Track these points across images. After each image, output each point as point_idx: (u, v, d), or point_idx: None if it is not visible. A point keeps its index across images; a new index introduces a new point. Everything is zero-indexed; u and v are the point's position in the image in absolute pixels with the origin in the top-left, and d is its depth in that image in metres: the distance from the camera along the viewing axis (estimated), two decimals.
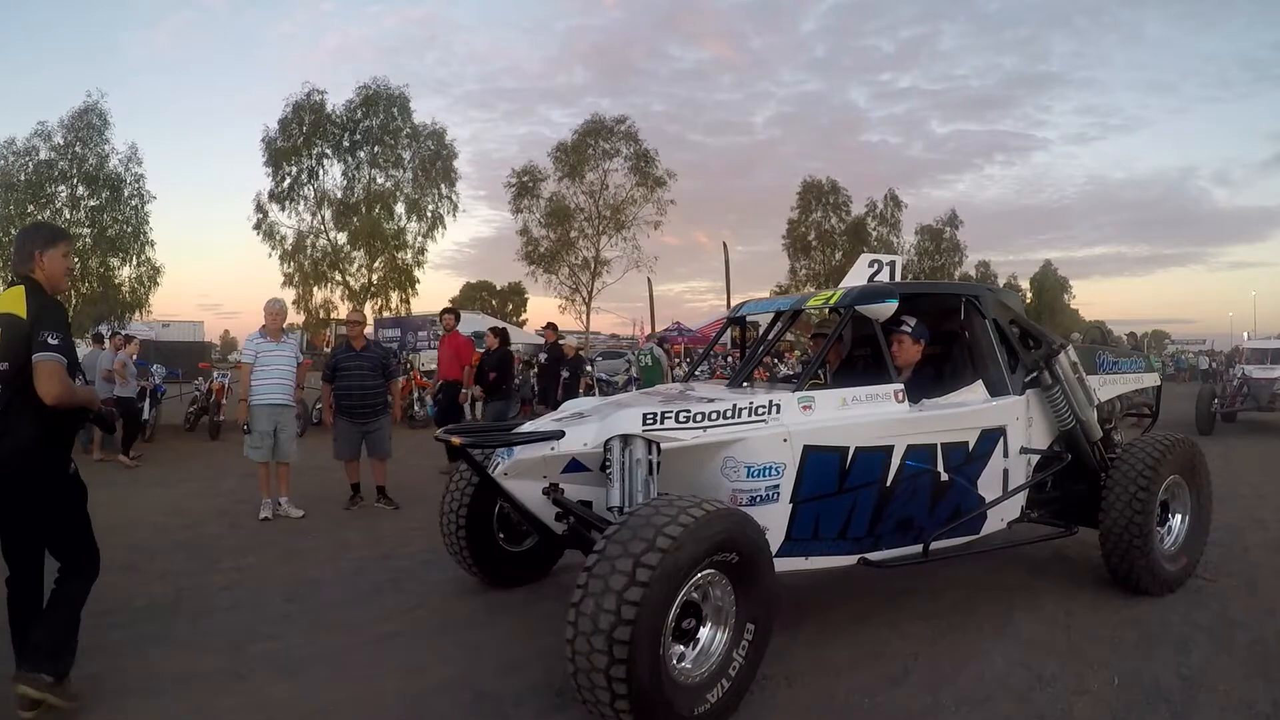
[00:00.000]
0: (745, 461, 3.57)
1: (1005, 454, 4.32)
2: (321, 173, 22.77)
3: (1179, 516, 5.09)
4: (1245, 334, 27.18)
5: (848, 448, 3.73)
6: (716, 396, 3.88)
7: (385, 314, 23.90)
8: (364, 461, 7.59)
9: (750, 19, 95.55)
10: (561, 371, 11.48)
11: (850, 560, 3.91)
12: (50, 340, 3.07)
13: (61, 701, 3.17)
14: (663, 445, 3.55)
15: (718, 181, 70.57)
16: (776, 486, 3.60)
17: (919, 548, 4.05)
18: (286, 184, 22.45)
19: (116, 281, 21.00)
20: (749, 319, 5.26)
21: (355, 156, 22.80)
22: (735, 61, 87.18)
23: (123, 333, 13.49)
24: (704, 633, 3.14)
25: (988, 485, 4.27)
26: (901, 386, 4.04)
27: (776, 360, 18.39)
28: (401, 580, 5.18)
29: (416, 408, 16.12)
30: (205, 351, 33.86)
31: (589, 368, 18.18)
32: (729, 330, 5.40)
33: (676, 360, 21.86)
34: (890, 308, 4.08)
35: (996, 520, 4.40)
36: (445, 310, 9.92)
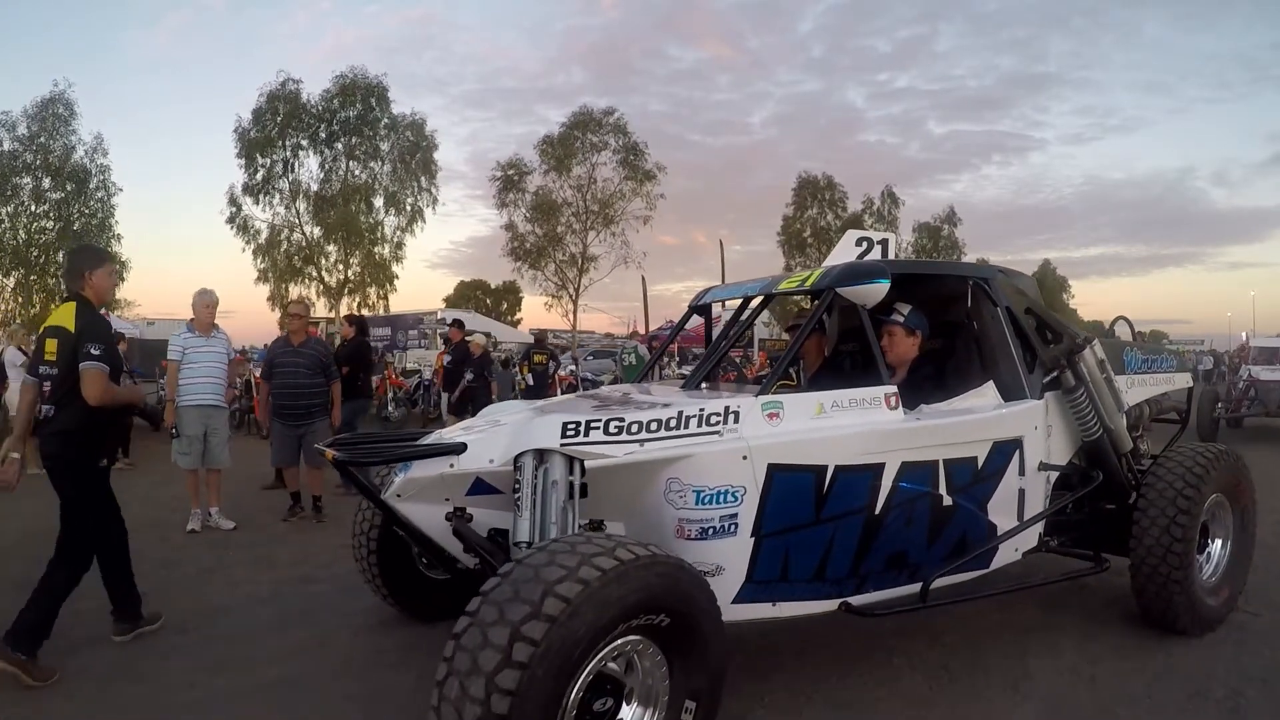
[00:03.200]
0: (693, 484, 2.80)
1: (1021, 471, 3.54)
2: (297, 165, 21.97)
3: (1219, 541, 4.38)
4: (1244, 334, 26.47)
5: (826, 466, 2.96)
6: (663, 401, 3.12)
7: (364, 311, 23.14)
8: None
9: (748, 19, 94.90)
10: (465, 373, 10.23)
11: (829, 605, 3.14)
12: (93, 351, 3.64)
13: (31, 680, 3.48)
14: (587, 463, 2.79)
15: (716, 181, 70.05)
16: (734, 516, 2.83)
17: (916, 588, 3.28)
18: (260, 176, 21.61)
19: None
20: (722, 306, 4.48)
21: (332, 148, 21.96)
22: (733, 62, 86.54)
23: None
24: (626, 714, 2.37)
25: (1000, 510, 3.49)
26: (894, 389, 3.25)
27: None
28: (314, 609, 4.59)
29: (391, 408, 15.65)
30: None
31: (578, 367, 17.47)
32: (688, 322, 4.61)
33: (667, 359, 21.14)
34: (879, 290, 3.28)
35: (1009, 551, 3.63)
36: (291, 303, 8.84)
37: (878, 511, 3.08)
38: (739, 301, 4.19)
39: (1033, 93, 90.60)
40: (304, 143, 21.69)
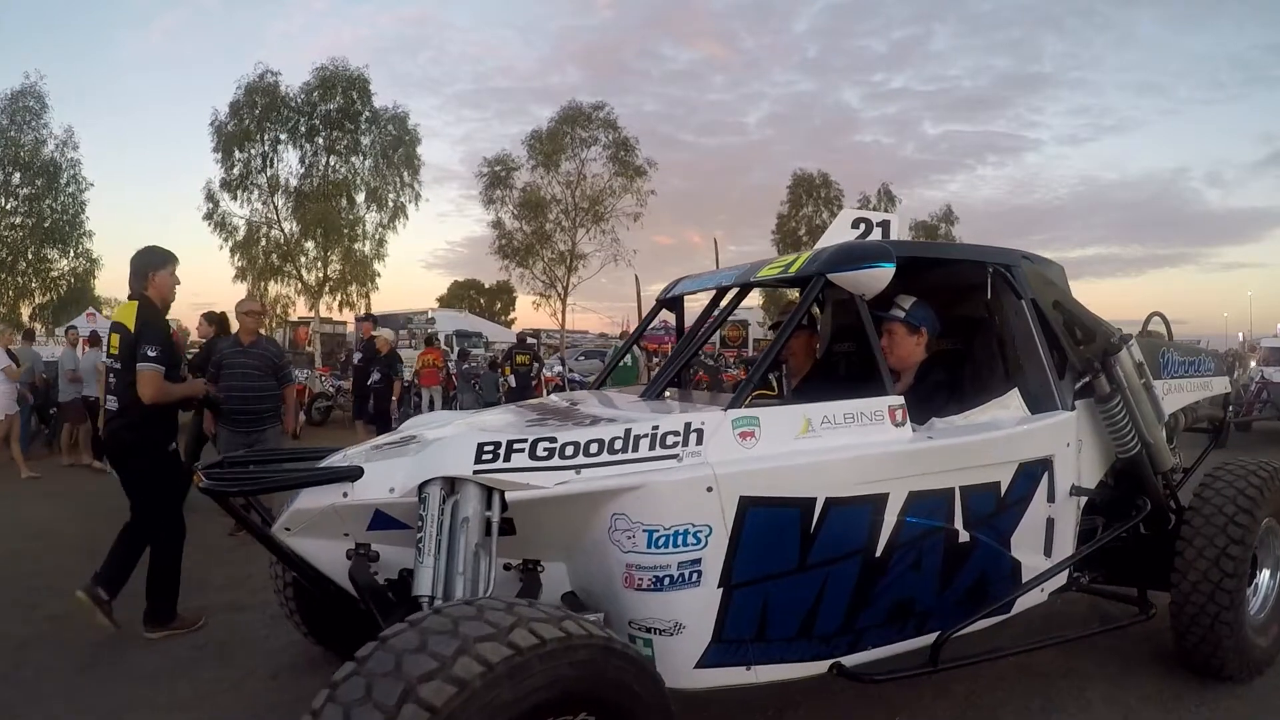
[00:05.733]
0: (644, 523, 2.20)
1: (1050, 497, 2.94)
2: (276, 159, 21.27)
3: (1267, 571, 3.80)
4: (1240, 334, 26.10)
5: (813, 499, 2.36)
6: (611, 415, 2.52)
7: (345, 310, 22.52)
8: None
9: (743, 19, 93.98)
10: (372, 373, 9.13)
11: (818, 668, 2.54)
12: (149, 352, 3.87)
13: (105, 620, 4.04)
14: (508, 496, 2.20)
15: (711, 182, 69.20)
16: (696, 562, 2.24)
17: (924, 640, 2.68)
18: (236, 171, 20.92)
19: (54, 274, 19.73)
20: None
21: (313, 142, 21.29)
22: (728, 62, 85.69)
23: (87, 331, 12.10)
24: None
25: (1025, 544, 2.89)
26: (900, 400, 2.64)
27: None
28: (236, 643, 4.17)
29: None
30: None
31: (565, 367, 16.87)
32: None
33: (659, 360, 20.56)
34: (881, 275, 2.64)
35: (1035, 592, 3.03)
36: (244, 300, 7.49)
37: (879, 553, 2.48)
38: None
39: (1027, 93, 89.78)
40: (283, 137, 21.03)
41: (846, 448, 2.45)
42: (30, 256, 19.75)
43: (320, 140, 21.12)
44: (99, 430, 7.96)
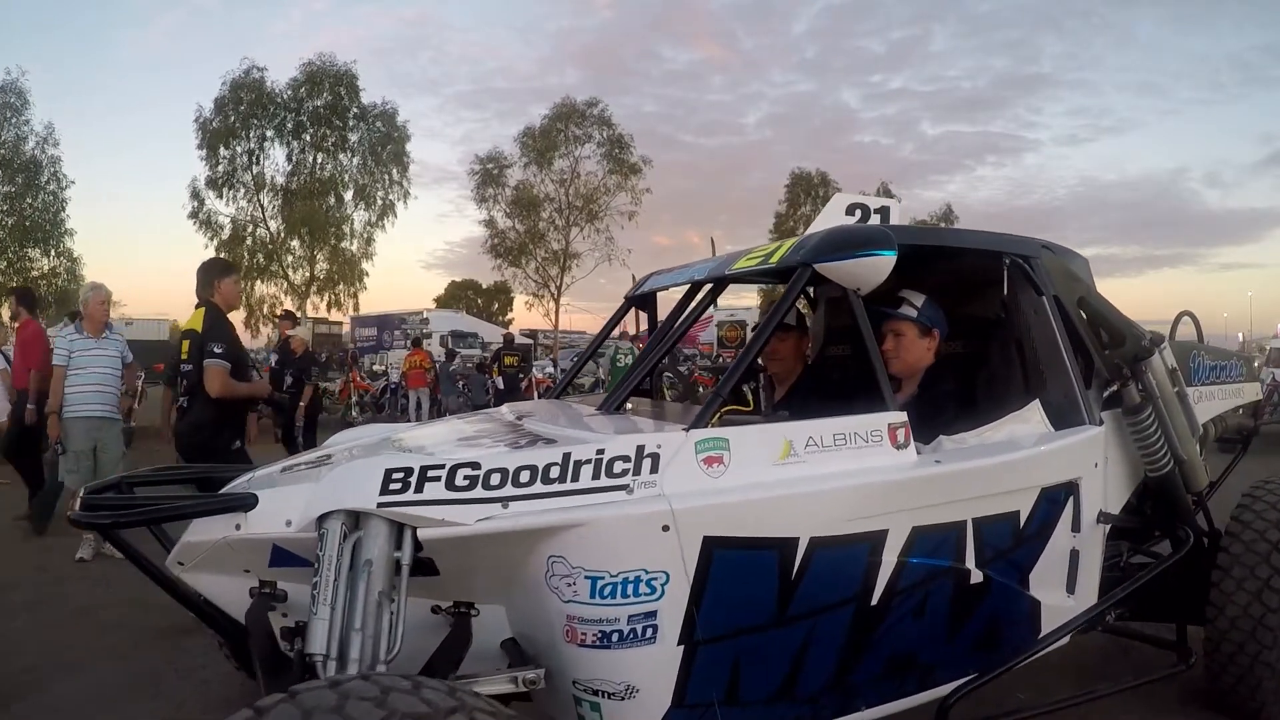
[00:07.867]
0: (587, 568, 1.80)
1: (1075, 526, 2.52)
2: (262, 157, 20.93)
3: None
4: (1240, 334, 25.82)
5: (795, 540, 1.96)
6: (555, 434, 2.13)
7: (334, 311, 22.21)
8: None
9: (741, 20, 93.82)
10: (285, 377, 8.56)
11: None
12: (216, 350, 4.16)
13: None
14: (421, 534, 1.81)
15: (710, 182, 69.10)
16: (651, 615, 1.84)
17: (929, 697, 2.28)
18: (220, 169, 20.54)
19: (34, 274, 19.36)
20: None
21: (300, 139, 20.91)
22: (727, 62, 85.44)
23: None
24: None
25: (1045, 581, 2.48)
26: (903, 418, 2.21)
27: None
28: (170, 674, 3.85)
29: (356, 412, 15.00)
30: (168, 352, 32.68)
31: (556, 369, 16.47)
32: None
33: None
34: (879, 265, 2.21)
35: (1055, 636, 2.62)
36: (13, 291, 7.22)
37: (875, 601, 2.07)
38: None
39: (1026, 94, 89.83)
40: (269, 133, 20.66)
41: (836, 476, 2.04)
42: (11, 255, 19.39)
43: (307, 137, 20.79)
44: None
